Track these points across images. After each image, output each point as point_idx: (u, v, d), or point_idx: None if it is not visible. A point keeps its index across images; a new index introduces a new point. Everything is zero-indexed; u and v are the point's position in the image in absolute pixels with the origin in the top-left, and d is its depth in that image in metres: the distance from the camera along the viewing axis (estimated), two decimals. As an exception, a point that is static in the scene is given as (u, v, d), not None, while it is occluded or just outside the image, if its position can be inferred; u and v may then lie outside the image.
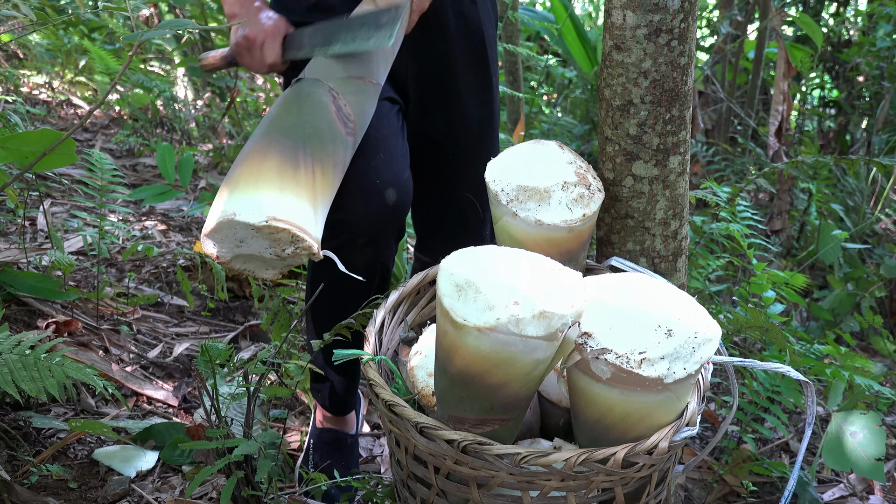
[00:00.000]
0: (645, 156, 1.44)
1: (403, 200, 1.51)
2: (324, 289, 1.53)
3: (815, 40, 3.31)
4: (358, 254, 1.51)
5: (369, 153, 1.48)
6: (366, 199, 1.46)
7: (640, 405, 1.11)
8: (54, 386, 1.31)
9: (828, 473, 2.00)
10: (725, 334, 1.87)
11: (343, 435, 1.75)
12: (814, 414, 1.28)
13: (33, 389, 1.29)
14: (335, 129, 1.36)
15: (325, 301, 1.56)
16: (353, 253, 1.50)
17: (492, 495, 1.14)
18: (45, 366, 1.33)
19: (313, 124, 1.33)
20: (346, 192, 1.43)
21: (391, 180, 1.49)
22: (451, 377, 1.10)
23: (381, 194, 1.47)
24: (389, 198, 1.48)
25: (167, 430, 1.76)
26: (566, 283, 1.09)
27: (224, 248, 1.25)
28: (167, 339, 2.25)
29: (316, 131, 1.32)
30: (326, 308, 1.60)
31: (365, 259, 1.52)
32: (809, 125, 4.73)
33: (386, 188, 1.47)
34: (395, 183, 1.49)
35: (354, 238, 1.48)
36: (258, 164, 1.26)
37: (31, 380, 1.30)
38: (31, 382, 1.30)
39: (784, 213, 3.36)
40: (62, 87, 4.21)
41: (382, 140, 1.52)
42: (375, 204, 1.47)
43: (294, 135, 1.30)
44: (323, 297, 1.54)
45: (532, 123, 4.39)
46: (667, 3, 1.36)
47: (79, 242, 2.57)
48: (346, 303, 1.52)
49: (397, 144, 1.55)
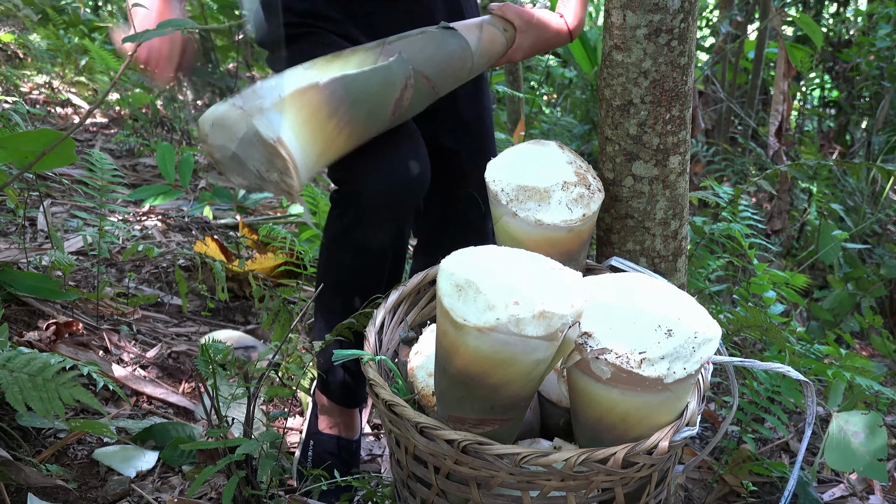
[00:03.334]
0: (645, 156, 1.44)
1: (424, 175, 1.49)
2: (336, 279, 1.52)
3: (815, 40, 3.32)
4: (374, 230, 1.49)
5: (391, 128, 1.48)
6: (387, 167, 1.45)
7: (640, 405, 1.11)
8: (61, 409, 1.34)
9: (828, 473, 1.99)
10: (725, 334, 1.87)
11: (347, 441, 1.74)
12: (814, 414, 1.28)
13: (41, 410, 1.32)
14: (384, 112, 1.38)
15: (338, 292, 1.55)
16: (368, 229, 1.49)
17: (492, 495, 1.14)
18: (54, 387, 1.35)
19: (373, 95, 1.35)
20: (369, 162, 1.43)
21: (413, 153, 1.48)
22: (451, 377, 1.10)
23: (405, 165, 1.46)
24: (413, 169, 1.47)
25: (167, 430, 1.76)
26: (566, 283, 1.09)
27: (220, 133, 1.27)
28: (167, 339, 2.25)
29: (370, 103, 1.35)
30: (338, 303, 1.59)
31: (381, 239, 1.51)
32: (809, 125, 4.73)
33: (408, 160, 1.47)
34: (416, 156, 1.48)
35: (377, 210, 1.47)
36: (303, 91, 1.29)
37: (39, 400, 1.32)
38: (40, 403, 1.32)
39: (784, 213, 3.36)
40: (62, 87, 4.22)
41: (406, 121, 1.52)
42: (399, 175, 1.45)
43: (352, 90, 1.33)
44: (335, 288, 1.53)
45: (532, 123, 4.39)
46: (667, 3, 1.36)
47: (79, 242, 2.57)
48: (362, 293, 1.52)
49: (415, 127, 1.55)
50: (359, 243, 1.52)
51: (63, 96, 4.07)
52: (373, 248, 1.50)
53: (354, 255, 1.52)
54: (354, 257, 1.52)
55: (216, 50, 4.45)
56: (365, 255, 1.52)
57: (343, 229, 1.52)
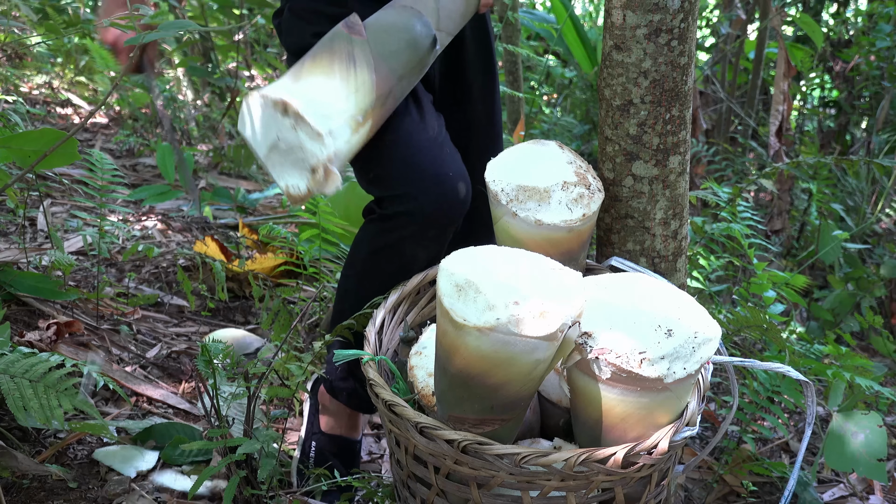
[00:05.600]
0: (645, 156, 1.44)
1: (469, 195, 1.51)
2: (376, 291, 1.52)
3: (815, 40, 3.32)
4: (422, 247, 1.50)
5: (436, 147, 1.49)
6: (440, 190, 1.46)
7: (640, 405, 1.11)
8: (61, 417, 1.34)
9: (828, 473, 1.99)
10: (725, 334, 1.87)
11: (349, 442, 1.73)
12: (814, 414, 1.28)
13: (41, 418, 1.32)
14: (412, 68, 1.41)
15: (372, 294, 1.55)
16: (417, 246, 1.50)
17: (492, 495, 1.14)
18: (54, 393, 1.35)
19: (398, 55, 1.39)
20: (419, 181, 1.44)
21: (460, 174, 1.49)
22: (451, 377, 1.10)
23: (454, 186, 1.47)
24: (461, 190, 1.48)
25: (167, 430, 1.76)
26: (566, 283, 1.09)
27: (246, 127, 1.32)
28: (167, 339, 2.25)
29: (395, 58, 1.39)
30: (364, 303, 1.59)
31: (427, 254, 1.52)
32: (809, 125, 4.73)
33: (457, 181, 1.48)
34: (463, 177, 1.49)
35: (425, 229, 1.48)
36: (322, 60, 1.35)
37: (39, 407, 1.32)
38: (40, 410, 1.32)
39: (784, 213, 3.36)
40: (62, 87, 4.22)
41: (445, 138, 1.54)
42: (449, 195, 1.46)
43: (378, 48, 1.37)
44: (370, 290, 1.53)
45: (532, 123, 4.39)
46: (667, 3, 1.36)
47: (79, 242, 2.57)
48: None
49: (453, 145, 1.57)
50: (405, 259, 1.53)
51: (63, 96, 4.07)
52: (418, 263, 1.52)
53: (398, 270, 1.53)
54: (398, 271, 1.53)
55: (216, 50, 4.45)
56: (408, 270, 1.53)
57: (388, 245, 1.53)
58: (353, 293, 1.58)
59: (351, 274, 1.62)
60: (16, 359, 1.41)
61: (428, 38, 1.42)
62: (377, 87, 1.35)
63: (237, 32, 4.37)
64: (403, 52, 1.39)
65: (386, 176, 1.51)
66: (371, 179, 1.53)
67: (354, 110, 1.33)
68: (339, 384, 1.68)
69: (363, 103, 1.34)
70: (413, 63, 1.41)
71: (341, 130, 1.30)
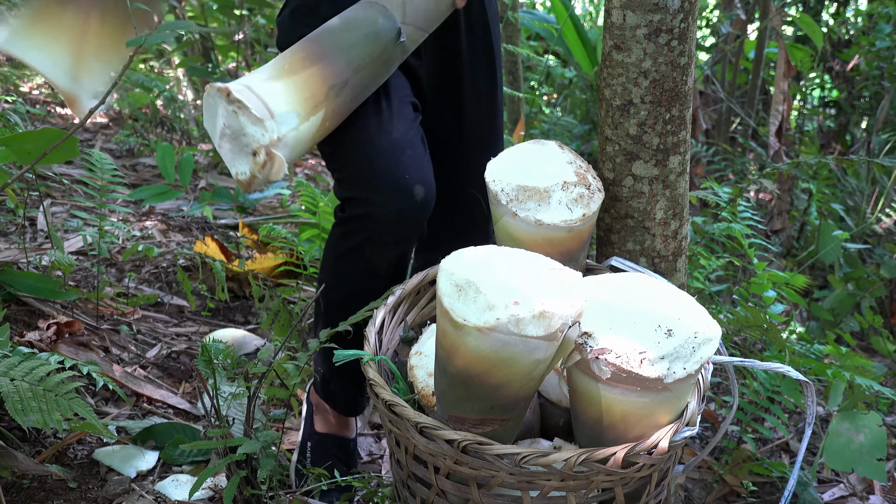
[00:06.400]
0: (645, 156, 1.44)
1: (430, 200, 1.51)
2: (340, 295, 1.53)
3: (815, 40, 3.32)
4: (382, 252, 1.51)
5: (398, 150, 1.49)
6: (395, 195, 1.46)
7: (640, 405, 1.11)
8: (59, 421, 1.34)
9: (828, 473, 1.99)
10: (725, 334, 1.87)
11: (344, 440, 1.74)
12: (814, 414, 1.28)
13: (39, 421, 1.32)
14: None
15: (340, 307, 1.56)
16: (376, 251, 1.50)
17: (492, 495, 1.14)
18: (54, 398, 1.36)
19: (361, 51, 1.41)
20: (374, 187, 1.45)
21: (419, 178, 1.49)
22: (451, 377, 1.10)
23: (410, 190, 1.47)
24: (418, 194, 1.48)
25: (167, 430, 1.76)
26: (566, 283, 1.09)
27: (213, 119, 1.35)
28: (167, 339, 2.25)
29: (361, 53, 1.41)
30: (342, 317, 1.60)
31: (388, 259, 1.52)
32: (809, 125, 4.73)
33: (414, 185, 1.47)
34: (422, 180, 1.49)
35: (382, 235, 1.48)
36: None
37: (38, 411, 1.33)
38: (39, 414, 1.32)
39: (784, 213, 3.36)
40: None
41: (410, 141, 1.53)
42: (405, 200, 1.46)
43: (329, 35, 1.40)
44: (340, 303, 1.54)
45: (532, 123, 4.39)
46: (667, 3, 1.36)
47: (79, 242, 2.57)
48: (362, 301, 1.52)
49: (423, 147, 1.56)
50: (365, 263, 1.53)
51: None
52: (379, 268, 1.52)
53: (359, 274, 1.54)
54: (360, 276, 1.54)
55: (216, 50, 4.45)
56: (370, 275, 1.54)
57: (349, 249, 1.54)
58: (323, 297, 1.59)
59: (322, 278, 1.63)
60: (16, 361, 1.41)
61: (391, 31, 1.42)
62: (330, 76, 1.37)
63: (237, 32, 4.37)
64: (361, 44, 1.40)
65: (347, 178, 1.52)
66: (337, 180, 1.55)
67: (301, 97, 1.35)
68: (326, 386, 1.70)
69: (311, 91, 1.36)
70: (373, 55, 1.42)
71: (287, 117, 1.33)
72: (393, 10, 1.44)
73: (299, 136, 1.36)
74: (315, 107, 1.36)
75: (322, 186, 3.73)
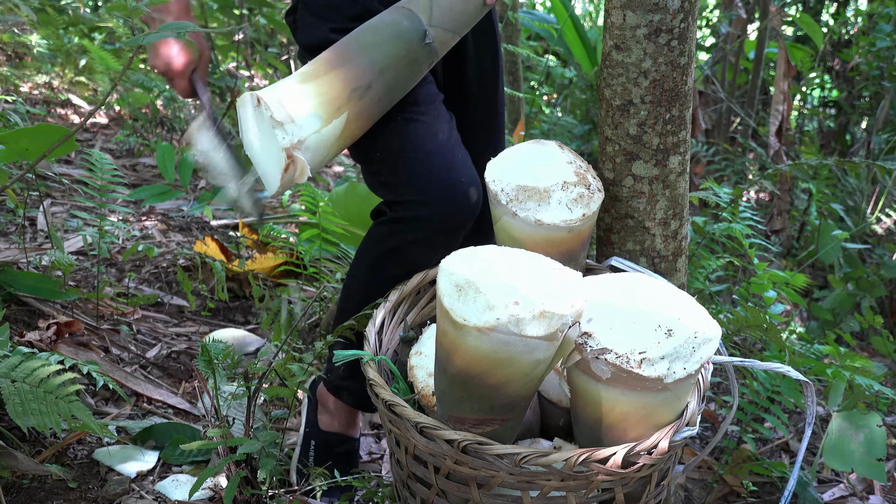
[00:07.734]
0: (645, 156, 1.44)
1: (480, 201, 1.50)
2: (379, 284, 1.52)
3: (815, 40, 3.32)
4: (430, 253, 1.50)
5: (448, 152, 1.49)
6: (451, 198, 1.46)
7: (640, 405, 1.11)
8: (58, 423, 1.34)
9: (828, 473, 2.00)
10: (725, 334, 1.87)
11: (348, 439, 1.74)
12: (814, 414, 1.28)
13: (39, 424, 1.33)
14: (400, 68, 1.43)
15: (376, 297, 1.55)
16: (423, 252, 1.50)
17: (492, 495, 1.14)
18: (54, 400, 1.36)
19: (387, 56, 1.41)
20: (430, 188, 1.45)
21: (472, 179, 1.49)
22: (451, 377, 1.10)
23: (465, 193, 1.46)
24: (472, 196, 1.48)
25: (167, 430, 1.76)
26: (566, 283, 1.09)
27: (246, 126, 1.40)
28: (167, 339, 2.25)
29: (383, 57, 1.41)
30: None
31: (432, 259, 1.51)
32: (809, 125, 4.73)
33: (469, 186, 1.48)
34: (474, 182, 1.49)
35: (432, 236, 1.48)
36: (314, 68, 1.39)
37: (38, 413, 1.33)
38: (39, 416, 1.33)
39: (784, 213, 3.36)
40: (62, 87, 4.21)
41: (456, 142, 1.53)
42: (460, 202, 1.46)
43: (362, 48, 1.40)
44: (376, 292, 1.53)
45: (532, 123, 4.39)
46: (667, 3, 1.36)
47: (79, 242, 2.57)
48: None
49: (464, 149, 1.56)
50: (413, 263, 1.53)
51: (63, 96, 4.07)
52: (421, 269, 1.52)
53: (404, 274, 1.53)
54: (404, 275, 1.53)
55: (216, 50, 4.44)
56: (413, 274, 1.53)
57: (394, 248, 1.53)
58: (357, 294, 1.58)
59: (357, 274, 1.62)
60: (17, 362, 1.41)
61: (416, 33, 1.42)
62: (353, 79, 1.37)
63: (237, 32, 4.37)
64: (385, 46, 1.40)
65: (396, 182, 1.51)
66: (381, 183, 1.54)
67: (322, 100, 1.36)
68: (341, 383, 1.68)
69: (333, 94, 1.36)
70: (398, 57, 1.41)
71: (308, 120, 1.34)
72: (419, 13, 1.43)
73: (321, 139, 1.35)
74: (337, 109, 1.36)
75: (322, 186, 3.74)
